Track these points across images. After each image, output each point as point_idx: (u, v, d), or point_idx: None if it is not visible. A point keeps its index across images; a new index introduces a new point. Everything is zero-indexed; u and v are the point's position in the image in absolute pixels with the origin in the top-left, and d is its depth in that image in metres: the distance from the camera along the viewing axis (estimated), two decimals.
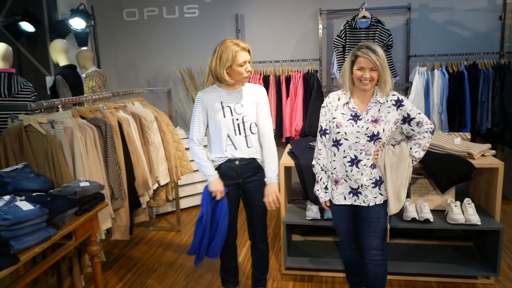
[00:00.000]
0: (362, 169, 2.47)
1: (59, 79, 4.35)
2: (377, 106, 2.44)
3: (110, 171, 3.28)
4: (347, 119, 2.47)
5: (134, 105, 3.99)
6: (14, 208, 2.15)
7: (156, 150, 3.91)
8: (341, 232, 2.71)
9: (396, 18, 5.26)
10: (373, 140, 2.42)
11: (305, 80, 5.17)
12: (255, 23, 5.67)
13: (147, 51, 6.03)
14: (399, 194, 2.46)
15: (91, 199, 2.71)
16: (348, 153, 2.47)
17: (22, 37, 5.53)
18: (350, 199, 2.54)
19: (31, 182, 2.70)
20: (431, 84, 4.84)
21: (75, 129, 3.02)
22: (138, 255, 3.98)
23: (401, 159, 2.44)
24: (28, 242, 2.11)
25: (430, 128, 2.47)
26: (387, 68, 2.37)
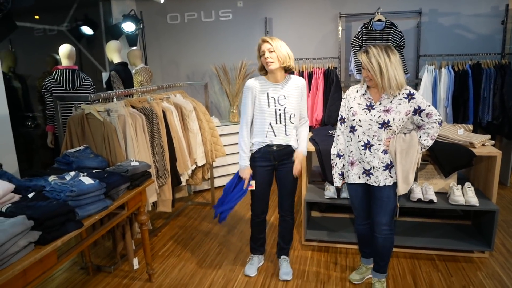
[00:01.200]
0: (374, 152, 2.48)
1: (113, 74, 4.44)
2: (389, 98, 2.42)
3: (155, 153, 3.35)
4: (362, 108, 2.48)
5: (176, 97, 4.04)
6: (78, 182, 2.24)
7: (194, 136, 3.96)
8: (356, 208, 2.74)
9: (408, 22, 5.17)
10: (383, 127, 2.43)
11: (326, 76, 5.14)
12: (281, 25, 5.66)
13: (187, 50, 6.07)
14: (407, 177, 2.46)
15: (140, 176, 2.77)
16: (362, 138, 2.49)
17: (83, 39, 5.61)
18: (363, 179, 2.57)
19: (91, 161, 2.79)
20: (439, 81, 4.76)
21: (127, 116, 3.10)
22: (178, 225, 4.08)
23: (411, 146, 2.44)
24: (90, 210, 2.20)
25: (439, 119, 2.44)
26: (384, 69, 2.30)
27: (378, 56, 2.30)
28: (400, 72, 2.34)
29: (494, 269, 3.04)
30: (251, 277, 3.03)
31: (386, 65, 2.30)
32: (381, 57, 2.30)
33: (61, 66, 3.94)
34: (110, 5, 5.78)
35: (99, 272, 3.19)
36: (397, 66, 2.32)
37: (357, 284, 2.89)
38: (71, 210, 2.08)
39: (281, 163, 2.82)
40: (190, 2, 5.90)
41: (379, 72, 2.32)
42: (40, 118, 4.87)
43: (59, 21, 5.47)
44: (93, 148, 3.00)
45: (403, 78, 2.37)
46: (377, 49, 2.33)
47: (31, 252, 1.79)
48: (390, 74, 2.31)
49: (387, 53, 2.31)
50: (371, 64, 2.32)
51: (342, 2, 5.37)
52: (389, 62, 2.30)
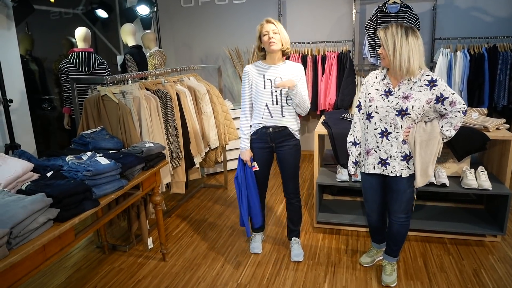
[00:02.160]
0: (392, 141, 2.39)
1: (128, 57, 4.44)
2: (409, 84, 2.31)
3: (169, 135, 3.36)
4: (379, 94, 2.39)
5: (190, 80, 4.04)
6: (95, 162, 2.27)
7: (208, 119, 3.96)
8: (368, 201, 2.65)
9: (424, 4, 5.06)
10: (401, 115, 2.32)
11: (339, 59, 5.10)
12: (295, 8, 5.60)
13: (201, 33, 6.06)
14: (427, 169, 2.35)
15: (155, 157, 2.79)
16: (379, 126, 2.40)
17: (98, 22, 5.62)
18: (379, 169, 2.47)
19: (107, 142, 2.81)
20: (454, 65, 4.67)
21: (142, 98, 3.11)
22: (192, 207, 4.12)
23: (432, 137, 2.31)
24: (106, 190, 2.23)
25: (463, 108, 2.27)
26: (397, 48, 2.20)
27: (395, 33, 2.22)
28: (415, 57, 2.21)
29: (506, 253, 3.02)
30: (263, 257, 3.06)
31: (401, 44, 2.20)
32: (398, 34, 2.21)
33: (77, 49, 3.96)
34: None
35: (114, 251, 3.26)
36: (413, 49, 2.20)
37: (368, 267, 2.91)
38: (88, 189, 2.12)
39: (279, 146, 2.81)
40: None
41: (392, 49, 2.23)
42: (57, 100, 4.93)
43: (75, 4, 5.47)
44: (109, 130, 3.03)
45: (417, 64, 2.23)
46: (397, 27, 2.24)
47: (50, 229, 1.83)
48: (403, 54, 2.20)
49: (406, 33, 2.21)
50: (386, 40, 2.24)
51: None
52: (405, 42, 2.20)
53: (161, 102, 3.36)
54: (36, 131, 4.04)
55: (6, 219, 1.63)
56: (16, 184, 2.07)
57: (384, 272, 2.71)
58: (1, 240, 1.56)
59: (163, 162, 2.90)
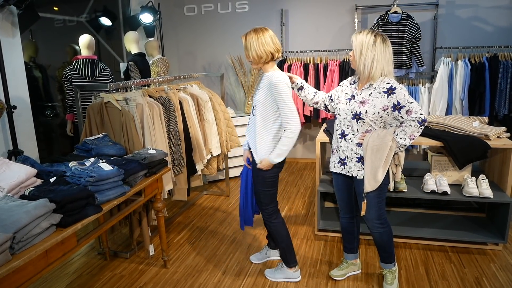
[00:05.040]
0: (348, 142, 2.48)
1: (131, 64, 4.47)
2: (369, 90, 2.37)
3: (172, 142, 3.37)
4: (346, 98, 2.48)
5: (192, 87, 4.04)
6: (98, 168, 2.27)
7: (210, 126, 3.96)
8: (338, 199, 2.75)
9: (425, 14, 5.09)
10: (356, 118, 2.40)
11: (341, 68, 5.13)
12: (298, 17, 5.63)
13: (204, 41, 6.08)
14: (376, 174, 2.38)
15: (157, 164, 2.79)
16: (340, 127, 2.51)
17: (101, 30, 5.66)
18: (338, 168, 2.59)
19: (110, 149, 2.82)
20: (455, 73, 4.69)
21: (145, 105, 3.12)
22: (193, 214, 4.11)
23: (383, 143, 2.35)
24: (109, 195, 2.23)
25: (419, 118, 2.28)
26: (364, 50, 2.26)
27: (365, 38, 2.28)
28: (379, 63, 2.27)
29: (508, 261, 3.01)
30: (264, 266, 3.05)
31: (367, 47, 2.26)
32: (367, 39, 2.27)
33: (80, 56, 3.98)
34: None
35: (116, 258, 3.25)
36: (379, 56, 2.26)
37: (370, 277, 2.89)
38: (91, 195, 2.12)
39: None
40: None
41: (359, 53, 2.29)
42: (59, 107, 4.94)
43: (79, 12, 5.52)
44: (112, 136, 3.04)
45: (379, 70, 2.28)
46: (368, 32, 2.30)
47: (53, 234, 1.84)
48: (367, 59, 2.26)
49: (374, 40, 2.27)
50: (356, 43, 2.31)
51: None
52: (371, 47, 2.26)
53: (164, 109, 3.37)
54: (39, 138, 4.05)
55: (9, 224, 1.64)
56: (19, 189, 2.07)
57: (385, 281, 2.70)
58: (4, 245, 1.56)
59: (166, 169, 2.90)
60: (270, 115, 2.51)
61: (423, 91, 4.87)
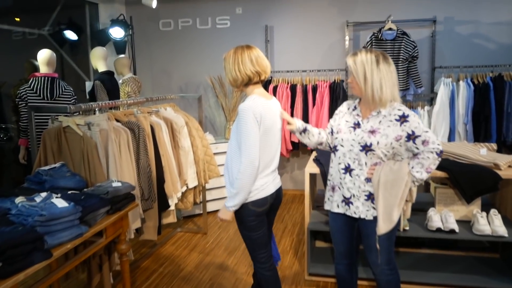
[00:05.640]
0: (355, 178, 2.32)
1: (97, 84, 4.37)
2: (378, 118, 2.27)
3: (141, 173, 3.24)
4: (348, 126, 2.36)
5: (166, 110, 3.95)
6: (50, 204, 2.12)
7: (186, 154, 3.86)
8: (336, 242, 2.54)
9: (422, 31, 5.12)
10: (365, 150, 2.26)
11: (331, 90, 5.09)
12: (283, 34, 5.63)
13: (181, 60, 6.03)
14: (391, 214, 2.23)
15: (122, 199, 2.65)
16: (342, 161, 2.35)
17: (66, 45, 5.59)
18: (342, 208, 2.40)
19: (67, 181, 2.67)
20: (457, 95, 4.69)
21: (110, 131, 2.99)
22: (165, 255, 3.92)
23: (398, 177, 2.22)
24: (61, 238, 2.08)
25: (437, 149, 2.18)
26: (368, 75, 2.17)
27: (365, 60, 2.19)
28: (388, 85, 2.18)
29: None
30: None
31: (371, 71, 2.18)
32: (368, 62, 2.19)
33: (39, 74, 3.86)
34: (97, 8, 5.78)
35: None
36: (386, 77, 2.18)
37: None
38: (39, 238, 1.96)
39: None
40: (185, 7, 5.89)
41: (363, 77, 2.19)
42: (14, 130, 4.79)
43: (41, 24, 5.44)
44: (70, 166, 2.89)
45: (389, 93, 2.20)
46: (366, 53, 2.21)
47: None
48: (374, 82, 2.18)
49: (377, 60, 2.19)
50: (356, 67, 2.21)
51: (350, 10, 5.34)
52: (376, 69, 2.18)
53: (133, 136, 3.25)
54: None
55: None
56: None
57: None
58: None
59: (132, 204, 2.76)
60: (235, 145, 2.32)
61: (422, 114, 4.84)
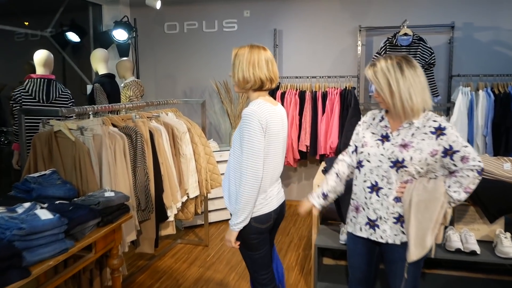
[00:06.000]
0: (382, 198, 2.08)
1: (97, 87, 4.27)
2: (410, 130, 2.04)
3: (138, 182, 3.09)
4: (375, 139, 2.13)
5: (168, 116, 3.81)
6: (33, 216, 1.98)
7: (187, 162, 3.71)
8: (353, 267, 2.30)
9: (439, 37, 4.95)
10: (396, 167, 2.02)
11: (342, 97, 4.93)
12: (293, 39, 5.51)
13: (186, 63, 5.93)
14: (424, 239, 1.98)
15: (115, 210, 2.50)
16: (368, 178, 2.12)
17: (68, 47, 5.52)
18: (366, 231, 2.15)
19: (57, 189, 2.54)
20: (475, 105, 4.49)
21: (105, 136, 2.85)
22: (163, 269, 3.75)
23: (433, 198, 1.99)
24: (43, 254, 1.92)
25: (478, 167, 1.95)
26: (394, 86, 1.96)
27: (386, 70, 1.98)
28: (417, 92, 1.97)
29: None
30: None
31: (397, 80, 1.96)
32: (390, 70, 1.97)
33: (35, 75, 3.74)
34: (101, 10, 5.71)
35: None
36: (413, 84, 1.97)
37: None
38: (17, 254, 1.80)
39: None
40: (191, 10, 5.79)
41: (387, 89, 1.98)
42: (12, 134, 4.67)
43: (43, 26, 5.40)
44: (62, 173, 2.75)
45: (420, 100, 1.98)
46: (386, 61, 2.00)
47: None
48: (402, 92, 1.96)
49: (399, 66, 1.97)
50: (377, 80, 2.00)
51: (363, 14, 5.20)
52: (401, 77, 1.96)
53: (130, 142, 3.11)
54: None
55: None
56: None
57: None
58: None
59: (126, 216, 2.60)
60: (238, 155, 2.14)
61: None
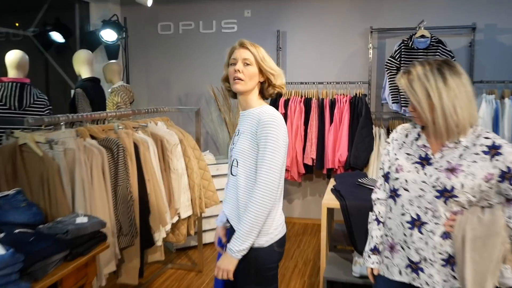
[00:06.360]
0: (427, 236, 1.73)
1: (78, 92, 3.93)
2: (457, 150, 1.70)
3: (119, 203, 2.74)
4: (412, 162, 1.80)
5: (157, 125, 3.48)
6: None
7: (179, 178, 3.39)
8: None
9: (459, 39, 4.66)
10: (444, 197, 1.69)
11: (352, 105, 4.63)
12: (298, 41, 5.23)
13: (181, 67, 5.65)
14: (483, 284, 1.64)
15: (87, 239, 2.17)
16: (407, 210, 1.77)
17: (52, 48, 5.19)
18: (407, 276, 1.79)
19: (20, 214, 2.21)
20: (501, 115, 4.24)
21: (79, 151, 2.48)
22: None
23: (491, 232, 1.64)
24: None
25: None
26: (435, 99, 1.63)
27: (425, 78, 1.65)
28: (464, 104, 1.64)
29: None
30: None
31: (438, 91, 1.62)
32: (430, 79, 1.64)
33: (6, 79, 3.39)
34: (88, 8, 5.42)
35: None
36: (458, 95, 1.63)
37: None
38: None
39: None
40: (187, 9, 5.53)
41: (426, 102, 1.65)
42: None
43: (26, 25, 5.09)
44: (28, 194, 2.40)
45: (466, 114, 1.65)
46: (424, 67, 1.67)
47: None
48: (446, 107, 1.62)
49: (441, 73, 1.63)
50: (413, 91, 1.67)
51: (374, 14, 4.91)
52: (443, 87, 1.62)
53: (111, 156, 2.76)
54: None
55: None
56: None
57: None
58: None
59: (101, 246, 2.27)
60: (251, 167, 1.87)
61: None
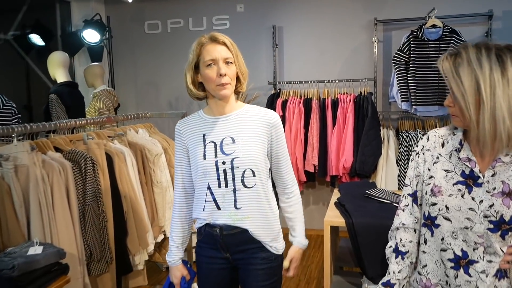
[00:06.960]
0: (478, 277, 1.40)
1: (52, 98, 3.77)
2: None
3: (89, 225, 2.47)
4: (453, 182, 1.41)
5: (138, 133, 3.21)
6: None
7: (163, 192, 3.14)
8: None
9: (474, 29, 4.35)
10: (500, 229, 1.35)
11: (357, 105, 4.36)
12: (295, 37, 4.98)
13: (170, 69, 5.41)
14: None
15: (40, 275, 1.90)
16: (449, 245, 1.42)
17: (32, 51, 4.99)
18: None
19: None
20: None
21: (34, 167, 2.20)
22: None
23: None
24: None
25: None
26: (485, 94, 1.26)
27: (477, 64, 1.27)
28: None
29: None
30: None
31: (491, 83, 1.25)
32: (484, 66, 1.26)
33: None
34: (69, 7, 5.21)
35: None
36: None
37: None
38: None
39: (238, 258, 1.85)
40: (175, 6, 5.30)
41: (473, 96, 1.27)
42: None
43: (5, 28, 4.91)
44: None
45: None
46: (479, 50, 1.29)
47: None
48: (498, 106, 1.26)
49: (500, 60, 1.26)
50: (458, 79, 1.29)
51: (379, 5, 4.63)
52: (500, 79, 1.25)
53: (78, 171, 2.50)
54: None
55: None
56: None
57: None
58: None
59: (60, 281, 1.99)
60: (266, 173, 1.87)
61: None
